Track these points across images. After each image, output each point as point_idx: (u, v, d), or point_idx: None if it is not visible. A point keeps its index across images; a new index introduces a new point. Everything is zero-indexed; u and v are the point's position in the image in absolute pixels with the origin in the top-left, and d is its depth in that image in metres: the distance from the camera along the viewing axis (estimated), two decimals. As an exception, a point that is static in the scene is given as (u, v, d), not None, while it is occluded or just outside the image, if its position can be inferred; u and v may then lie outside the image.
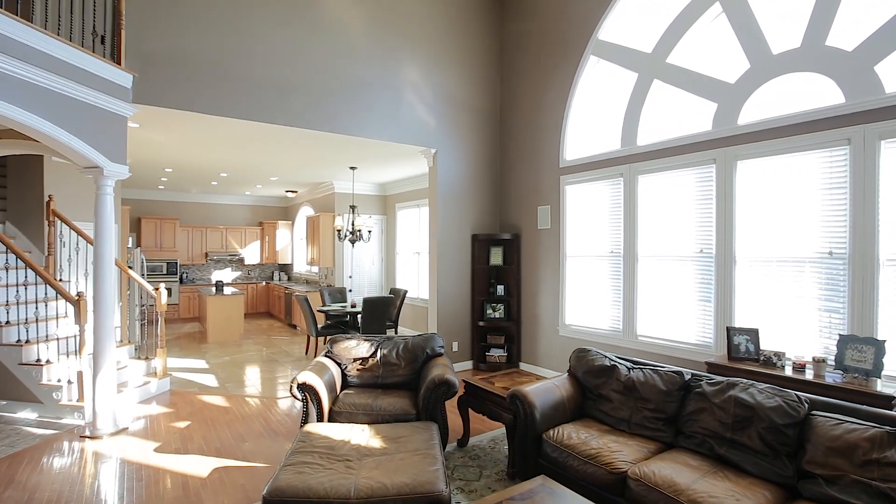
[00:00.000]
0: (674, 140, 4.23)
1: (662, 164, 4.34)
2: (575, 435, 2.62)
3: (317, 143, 5.57)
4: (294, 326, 9.23)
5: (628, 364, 3.01)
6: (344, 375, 3.66)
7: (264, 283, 11.17)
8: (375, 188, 9.04)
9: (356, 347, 3.73)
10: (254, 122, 4.57)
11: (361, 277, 8.96)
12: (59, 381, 4.17)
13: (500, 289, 5.94)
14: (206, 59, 4.27)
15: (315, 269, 9.86)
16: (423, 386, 3.21)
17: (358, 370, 3.65)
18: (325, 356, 3.71)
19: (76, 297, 3.97)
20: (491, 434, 3.77)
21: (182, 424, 4.04)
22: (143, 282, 5.06)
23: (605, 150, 4.91)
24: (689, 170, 4.16)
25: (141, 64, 3.98)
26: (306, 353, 6.86)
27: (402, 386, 3.61)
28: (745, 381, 2.42)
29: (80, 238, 5.09)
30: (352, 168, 7.18)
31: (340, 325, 6.69)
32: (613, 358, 3.09)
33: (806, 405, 2.19)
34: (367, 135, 5.20)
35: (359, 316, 6.78)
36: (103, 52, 3.79)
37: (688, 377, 2.68)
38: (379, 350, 3.71)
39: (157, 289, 4.97)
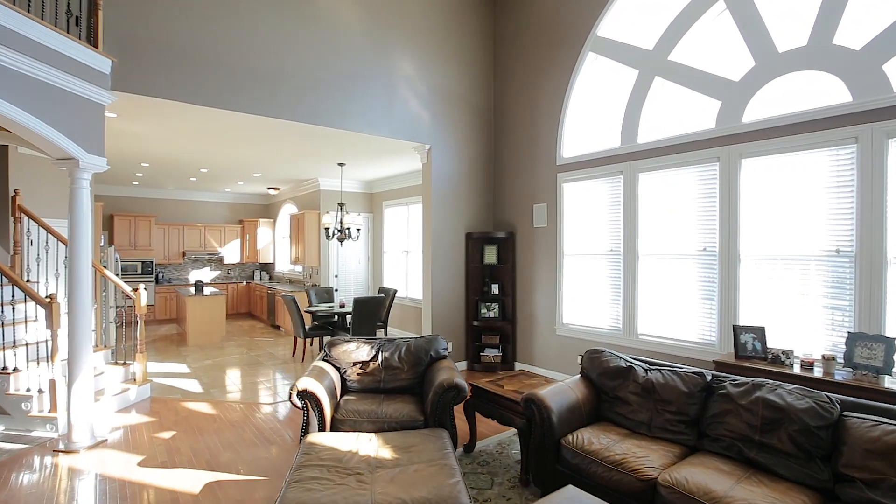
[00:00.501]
0: (676, 138, 4.19)
1: (664, 162, 4.30)
2: (595, 440, 2.52)
3: (306, 138, 5.33)
4: (277, 327, 8.93)
5: (644, 365, 2.93)
6: (343, 380, 3.48)
7: (245, 283, 10.80)
8: (361, 185, 8.81)
9: (356, 351, 3.55)
10: (240, 114, 4.32)
11: (347, 277, 8.73)
12: (28, 390, 3.85)
13: (495, 288, 5.83)
14: (192, 46, 4.00)
15: (299, 268, 9.55)
16: (431, 391, 3.06)
17: (358, 374, 3.48)
18: (324, 360, 3.52)
19: (47, 300, 3.66)
20: (497, 438, 3.65)
21: (166, 434, 3.78)
22: (121, 282, 4.74)
23: (604, 147, 4.84)
24: (691, 168, 4.12)
25: (120, 48, 3.70)
26: (293, 356, 6.61)
27: (406, 390, 3.46)
28: (771, 381, 2.36)
29: (49, 236, 4.73)
30: (340, 164, 6.95)
31: (328, 326, 6.46)
32: (629, 359, 3.00)
33: (838, 406, 2.14)
34: (360, 129, 5.00)
35: (348, 317, 6.57)
36: (79, 34, 3.50)
37: (709, 378, 2.61)
38: (380, 353, 3.54)
39: (136, 290, 4.67)
